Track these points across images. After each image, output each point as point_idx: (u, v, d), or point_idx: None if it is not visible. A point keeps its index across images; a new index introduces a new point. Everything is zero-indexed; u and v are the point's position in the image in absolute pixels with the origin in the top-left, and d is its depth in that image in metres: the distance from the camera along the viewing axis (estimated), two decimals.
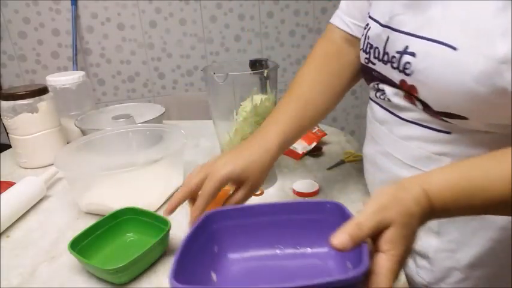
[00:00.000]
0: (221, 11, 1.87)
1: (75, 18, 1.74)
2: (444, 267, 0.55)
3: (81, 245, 0.56)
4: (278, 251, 0.48)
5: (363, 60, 0.58)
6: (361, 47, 0.57)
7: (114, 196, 0.68)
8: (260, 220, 0.48)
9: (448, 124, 0.48)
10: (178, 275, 0.37)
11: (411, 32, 0.47)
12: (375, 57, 0.54)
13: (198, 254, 0.44)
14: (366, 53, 0.56)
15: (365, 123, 0.65)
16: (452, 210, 0.40)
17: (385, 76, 0.53)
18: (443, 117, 0.47)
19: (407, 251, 0.36)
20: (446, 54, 0.42)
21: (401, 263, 0.36)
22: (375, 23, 0.53)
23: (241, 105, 0.70)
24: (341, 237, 0.35)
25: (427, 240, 0.55)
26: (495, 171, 0.39)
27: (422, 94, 0.47)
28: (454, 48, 0.42)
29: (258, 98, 0.69)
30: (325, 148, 0.91)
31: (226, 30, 1.91)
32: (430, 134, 0.50)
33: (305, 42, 2.00)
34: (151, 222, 0.60)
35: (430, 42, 0.44)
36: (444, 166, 0.42)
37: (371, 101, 0.61)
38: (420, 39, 0.46)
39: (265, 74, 0.68)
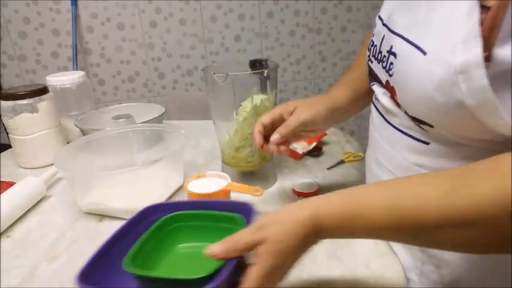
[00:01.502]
0: (221, 11, 1.87)
1: (75, 18, 1.74)
2: (432, 281, 0.54)
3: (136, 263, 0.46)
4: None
5: (366, 58, 0.59)
6: (368, 46, 0.58)
7: (114, 196, 0.68)
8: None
9: (426, 133, 0.47)
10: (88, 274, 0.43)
11: (398, 32, 0.46)
12: (373, 55, 0.54)
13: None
14: (369, 51, 0.56)
15: (365, 123, 0.65)
16: (338, 235, 0.41)
17: (377, 76, 0.53)
18: (418, 124, 0.46)
19: (279, 266, 0.39)
20: (418, 58, 0.41)
21: (269, 277, 0.39)
22: (379, 21, 0.54)
23: (241, 105, 0.70)
24: (216, 247, 0.41)
25: (415, 253, 0.54)
26: (377, 200, 0.39)
27: (399, 96, 0.47)
28: (424, 53, 0.40)
29: (258, 98, 0.69)
30: (325, 148, 0.91)
31: (226, 30, 1.91)
32: (410, 142, 0.49)
33: (305, 42, 2.00)
34: (210, 224, 0.52)
35: (408, 44, 0.43)
36: (340, 191, 0.42)
37: (372, 105, 0.61)
38: (403, 41, 0.45)
39: (265, 74, 0.68)
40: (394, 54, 0.46)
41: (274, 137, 0.61)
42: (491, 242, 0.35)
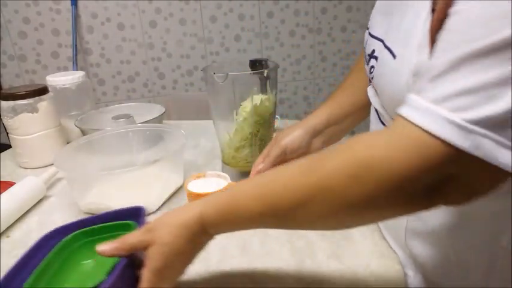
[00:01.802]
0: (221, 11, 1.87)
1: (75, 18, 1.74)
2: (425, 279, 0.54)
3: None
4: None
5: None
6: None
7: (114, 196, 0.68)
8: None
9: None
10: None
11: (378, 36, 0.48)
12: (365, 58, 0.55)
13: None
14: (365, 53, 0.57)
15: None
16: (224, 229, 0.43)
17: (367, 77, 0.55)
18: None
19: (168, 266, 0.42)
20: (390, 62, 0.42)
21: (159, 277, 0.42)
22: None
23: (241, 105, 0.70)
24: (105, 245, 0.43)
25: (405, 249, 0.55)
26: (251, 190, 0.41)
27: (380, 98, 0.48)
28: (394, 56, 0.42)
29: (258, 98, 0.69)
30: (325, 148, 0.91)
31: (226, 30, 1.91)
32: None
33: (305, 42, 2.00)
34: (109, 235, 0.54)
35: (385, 48, 0.44)
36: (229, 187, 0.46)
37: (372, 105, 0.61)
38: (381, 44, 0.46)
39: (265, 74, 0.68)
40: (376, 58, 0.47)
41: (259, 167, 0.64)
42: (343, 215, 0.36)
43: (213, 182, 0.67)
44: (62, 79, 1.00)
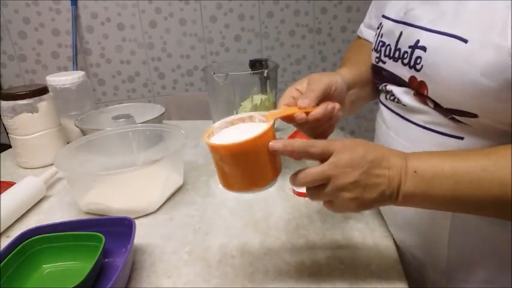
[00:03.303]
0: (221, 11, 1.87)
1: (75, 18, 1.74)
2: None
3: None
4: None
5: (373, 60, 0.58)
6: (373, 47, 0.58)
7: (114, 196, 0.68)
8: None
9: (461, 127, 0.47)
10: None
11: (424, 26, 0.47)
12: (385, 55, 0.54)
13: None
14: (377, 52, 0.56)
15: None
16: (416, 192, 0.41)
17: (394, 75, 0.53)
18: (454, 115, 0.46)
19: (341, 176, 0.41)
20: (457, 47, 0.42)
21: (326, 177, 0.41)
22: (388, 21, 0.54)
23: (241, 105, 0.70)
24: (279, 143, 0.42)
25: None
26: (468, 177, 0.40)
27: (432, 90, 0.46)
28: (465, 41, 0.41)
29: (258, 98, 0.69)
30: None
31: (226, 30, 1.91)
32: (440, 139, 0.49)
33: (305, 42, 2.00)
34: (74, 244, 0.55)
35: (442, 36, 0.44)
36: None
37: (380, 104, 0.61)
38: (432, 33, 0.45)
39: (265, 74, 0.68)
40: (423, 48, 0.46)
41: (304, 103, 0.48)
42: None
43: (243, 129, 0.48)
44: (62, 79, 1.00)
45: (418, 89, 0.48)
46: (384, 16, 0.56)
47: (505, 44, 0.38)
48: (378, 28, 0.58)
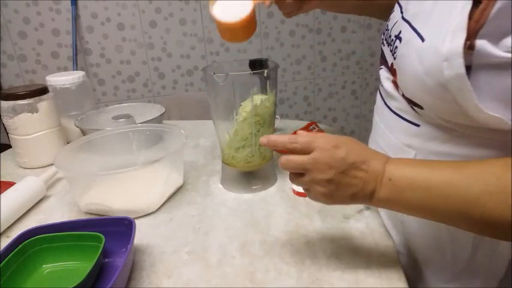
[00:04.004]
0: None
1: (75, 18, 1.74)
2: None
3: None
4: None
5: (381, 43, 0.62)
6: (383, 30, 0.61)
7: (114, 196, 0.68)
8: None
9: (418, 116, 0.51)
10: None
11: (406, 19, 0.50)
12: (385, 39, 0.58)
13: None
14: (383, 34, 0.60)
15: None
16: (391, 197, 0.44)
17: (385, 59, 0.57)
18: (411, 104, 0.50)
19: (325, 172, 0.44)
20: (416, 44, 0.45)
21: (308, 169, 0.44)
22: (398, 7, 0.56)
23: (241, 105, 0.70)
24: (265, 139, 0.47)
25: (393, 230, 0.62)
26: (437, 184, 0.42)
27: (398, 79, 0.51)
28: (423, 40, 0.44)
29: (258, 98, 0.69)
30: None
31: None
32: (404, 124, 0.54)
33: (305, 42, 2.00)
34: (74, 244, 0.55)
35: (412, 31, 0.47)
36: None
37: (378, 91, 0.65)
38: (409, 27, 0.48)
39: (265, 74, 0.68)
40: (400, 39, 0.50)
41: None
42: None
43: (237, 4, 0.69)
44: (62, 79, 1.00)
45: (393, 75, 0.53)
46: (398, 2, 0.58)
47: (441, 48, 0.40)
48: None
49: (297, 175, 0.47)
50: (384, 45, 0.58)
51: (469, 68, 0.39)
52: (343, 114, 2.19)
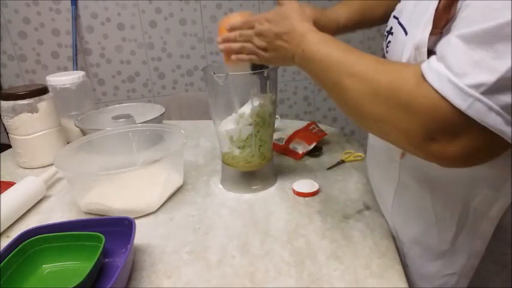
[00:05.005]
0: (221, 11, 1.87)
1: (75, 18, 1.74)
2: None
3: None
4: None
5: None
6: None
7: (114, 196, 0.68)
8: None
9: None
10: None
11: (395, 15, 0.53)
12: (383, 34, 0.59)
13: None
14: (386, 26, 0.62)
15: None
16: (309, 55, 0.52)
17: (384, 55, 0.58)
18: None
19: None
20: (401, 38, 0.48)
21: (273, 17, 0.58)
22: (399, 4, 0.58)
23: (238, 112, 0.70)
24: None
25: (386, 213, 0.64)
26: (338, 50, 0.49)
27: None
28: (406, 33, 0.47)
29: (258, 98, 0.69)
30: (325, 148, 0.91)
31: None
32: None
33: None
34: (74, 244, 0.55)
35: (399, 26, 0.50)
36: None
37: None
38: (396, 22, 0.51)
39: (265, 74, 0.68)
40: (392, 34, 0.53)
41: None
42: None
43: None
44: (62, 79, 1.00)
45: None
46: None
47: (415, 39, 0.44)
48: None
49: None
50: (383, 41, 0.60)
51: None
52: (343, 114, 2.18)
